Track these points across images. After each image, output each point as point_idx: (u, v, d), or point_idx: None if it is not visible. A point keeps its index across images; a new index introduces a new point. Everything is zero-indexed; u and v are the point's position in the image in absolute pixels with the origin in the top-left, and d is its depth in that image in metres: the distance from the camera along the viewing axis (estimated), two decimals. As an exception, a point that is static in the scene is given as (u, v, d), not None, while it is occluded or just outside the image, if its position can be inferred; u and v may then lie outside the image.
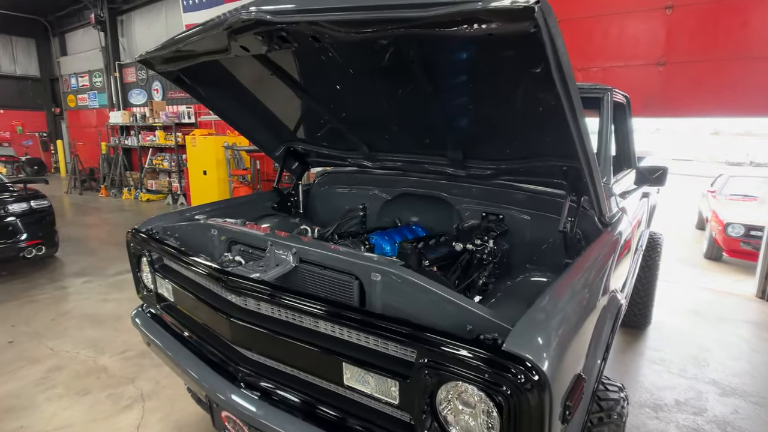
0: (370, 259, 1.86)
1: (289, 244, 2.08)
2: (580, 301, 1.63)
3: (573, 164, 2.22)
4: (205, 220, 2.64)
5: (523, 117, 2.12)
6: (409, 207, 3.43)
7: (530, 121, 2.11)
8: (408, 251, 2.42)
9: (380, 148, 3.10)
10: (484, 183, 2.89)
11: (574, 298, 1.61)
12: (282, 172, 3.55)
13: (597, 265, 1.97)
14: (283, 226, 3.40)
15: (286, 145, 3.53)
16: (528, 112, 2.04)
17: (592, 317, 1.69)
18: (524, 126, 2.21)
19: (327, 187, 3.77)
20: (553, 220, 2.66)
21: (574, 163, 2.19)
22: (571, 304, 1.57)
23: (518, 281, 2.32)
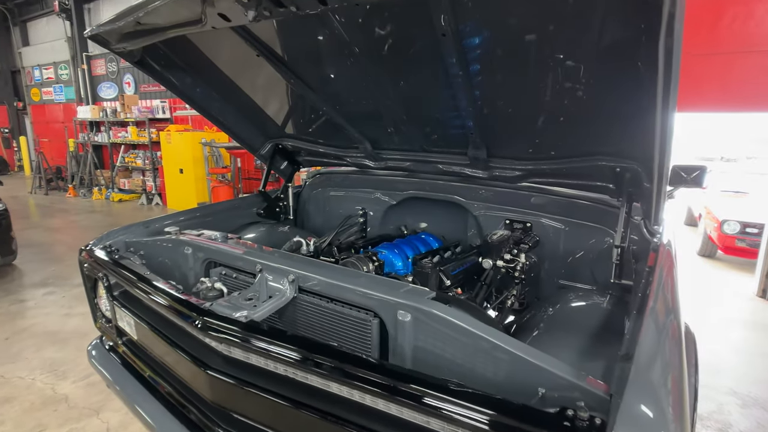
0: (396, 291, 1.43)
1: (286, 269, 1.63)
2: (677, 345, 1.25)
3: (630, 165, 1.83)
4: (177, 234, 2.16)
5: (588, 106, 1.71)
6: (417, 212, 3.01)
7: (597, 111, 1.71)
8: (427, 270, 2.00)
9: (386, 145, 2.66)
10: (509, 186, 2.49)
11: (672, 344, 1.22)
12: (269, 173, 3.08)
13: (670, 290, 1.59)
14: (272, 235, 2.93)
15: (273, 141, 3.06)
16: (602, 99, 1.64)
17: (688, 361, 1.32)
18: (583, 118, 1.80)
19: (320, 189, 3.32)
20: (590, 229, 2.29)
21: (632, 163, 1.81)
22: (672, 353, 1.18)
23: (559, 308, 1.93)
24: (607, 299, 1.94)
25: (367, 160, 2.85)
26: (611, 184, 2.08)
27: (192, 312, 1.46)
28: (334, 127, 2.62)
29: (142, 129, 11.76)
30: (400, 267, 2.30)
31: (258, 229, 2.94)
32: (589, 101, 1.67)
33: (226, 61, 2.38)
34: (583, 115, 1.77)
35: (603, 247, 2.25)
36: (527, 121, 1.95)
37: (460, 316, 1.32)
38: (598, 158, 1.95)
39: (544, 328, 1.82)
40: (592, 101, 1.66)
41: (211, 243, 1.98)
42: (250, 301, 1.55)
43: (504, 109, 1.93)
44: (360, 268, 2.07)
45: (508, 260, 2.10)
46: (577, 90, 1.64)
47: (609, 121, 1.71)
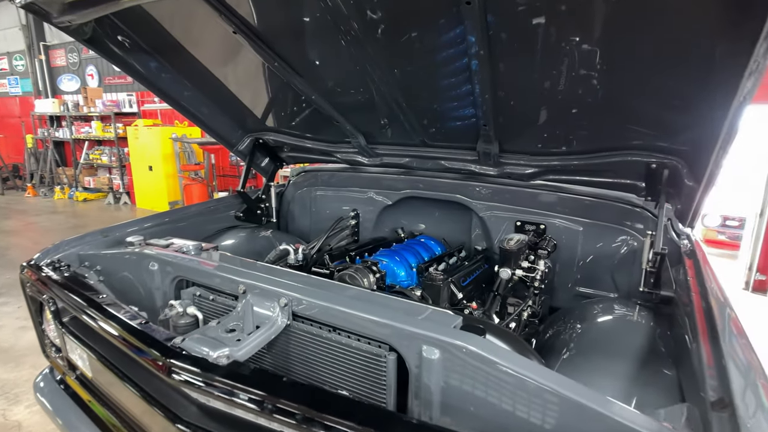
0: (417, 318, 1.16)
1: (275, 290, 1.33)
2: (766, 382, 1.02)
3: (671, 161, 1.61)
4: (142, 245, 1.83)
5: (632, 95, 1.47)
6: (414, 213, 2.75)
7: (643, 101, 1.48)
8: (438, 283, 1.74)
9: (381, 140, 2.38)
10: (520, 184, 2.25)
11: (763, 382, 0.99)
12: (248, 172, 2.75)
13: (730, 307, 1.37)
14: (253, 241, 2.61)
15: (252, 136, 2.73)
16: (654, 88, 1.40)
17: None
18: (623, 108, 1.57)
19: (306, 188, 3.00)
20: (610, 231, 2.07)
21: (674, 160, 1.58)
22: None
23: (588, 323, 1.69)
24: (636, 311, 1.72)
25: (359, 156, 2.55)
26: (640, 181, 1.86)
27: (157, 351, 1.15)
28: (323, 118, 2.31)
29: (107, 124, 11.05)
30: (403, 278, 2.03)
31: (237, 234, 2.61)
32: (634, 89, 1.43)
33: (196, 41, 2.04)
34: (623, 105, 1.54)
35: (625, 250, 2.04)
36: (552, 111, 1.70)
37: (501, 351, 1.06)
38: (630, 153, 1.73)
39: (575, 349, 1.58)
40: (640, 89, 1.43)
41: (181, 257, 1.65)
42: (232, 333, 1.24)
43: (526, 97, 1.67)
44: (360, 281, 1.79)
45: (527, 268, 1.86)
46: (622, 76, 1.40)
47: (656, 112, 1.48)
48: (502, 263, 1.85)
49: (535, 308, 1.98)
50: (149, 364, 1.16)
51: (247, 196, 2.73)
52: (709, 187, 1.56)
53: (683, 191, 1.66)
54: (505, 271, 1.81)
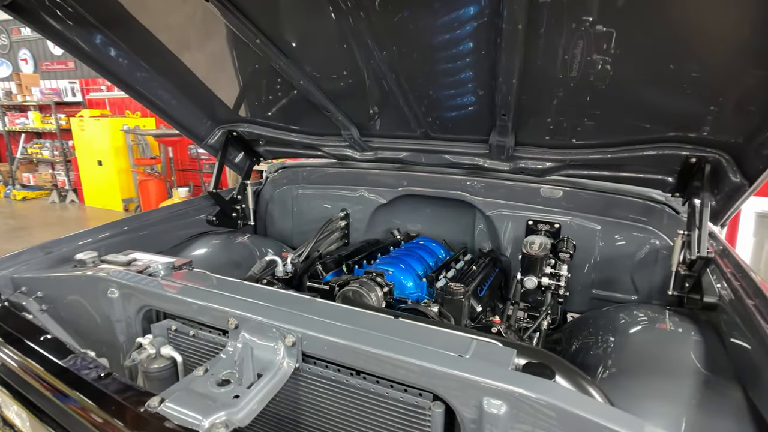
0: (464, 360, 0.92)
1: (279, 325, 1.05)
2: None
3: (716, 155, 1.45)
4: (96, 264, 1.48)
5: (680, 79, 1.28)
6: (411, 212, 2.50)
7: (692, 85, 1.29)
8: (460, 297, 1.51)
9: (377, 131, 2.11)
10: (534, 180, 2.05)
11: None
12: (221, 169, 2.40)
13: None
14: (230, 249, 2.29)
15: (224, 128, 2.38)
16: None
17: None
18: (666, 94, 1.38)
19: (287, 187, 2.69)
20: (630, 229, 1.92)
21: (719, 153, 1.42)
22: None
23: (623, 336, 1.52)
24: (673, 318, 1.56)
25: (350, 151, 2.27)
26: (668, 176, 1.70)
27: (126, 420, 0.85)
28: (310, 107, 2.01)
29: (47, 114, 10.04)
30: (411, 289, 1.79)
31: (210, 242, 2.27)
32: (681, 72, 1.25)
33: (155, 11, 1.68)
34: (665, 92, 1.36)
35: (646, 249, 1.89)
36: (581, 99, 1.49)
37: (578, 399, 0.84)
38: (666, 146, 1.56)
39: (615, 367, 1.40)
40: (687, 73, 1.24)
41: (148, 280, 1.33)
42: (226, 387, 0.95)
43: (554, 83, 1.45)
44: (367, 298, 1.53)
45: (551, 275, 1.66)
46: (666, 58, 1.21)
47: (705, 98, 1.30)
48: (526, 270, 1.64)
49: (555, 316, 1.80)
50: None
51: (220, 197, 2.38)
52: (755, 182, 1.41)
53: (723, 188, 1.51)
54: (531, 279, 1.61)
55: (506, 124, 1.68)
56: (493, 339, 1.07)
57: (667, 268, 1.86)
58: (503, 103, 1.57)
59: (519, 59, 1.35)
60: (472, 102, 1.69)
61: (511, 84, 1.46)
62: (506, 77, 1.44)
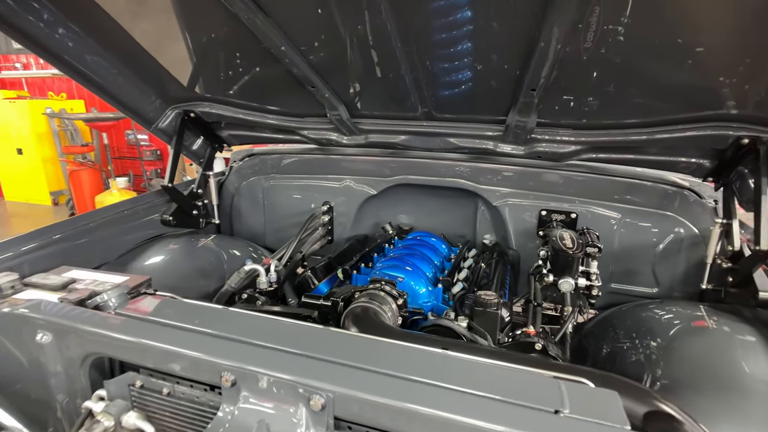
0: (559, 419, 0.68)
1: (296, 381, 0.75)
2: None
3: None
4: (17, 289, 1.09)
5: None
6: (403, 204, 2.23)
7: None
8: (493, 308, 1.27)
9: (371, 111, 1.80)
10: (547, 165, 1.84)
11: None
12: (177, 158, 1.99)
13: None
14: (193, 256, 1.91)
15: (178, 108, 1.96)
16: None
17: None
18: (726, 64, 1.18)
19: (255, 178, 2.31)
20: (652, 217, 1.77)
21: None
22: None
23: (668, 340, 1.36)
24: (710, 315, 1.42)
25: (335, 134, 1.94)
26: (705, 159, 1.54)
27: None
28: (288, 82, 1.66)
29: (-51, 96, 8.66)
30: (424, 297, 1.52)
31: (167, 247, 1.87)
32: (735, 41, 1.05)
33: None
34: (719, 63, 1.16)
35: (669, 239, 1.75)
36: (621, 71, 1.27)
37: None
38: (712, 125, 1.38)
39: (667, 377, 1.23)
40: (742, 41, 1.05)
41: (97, 317, 0.97)
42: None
43: (594, 53, 1.22)
44: (383, 315, 1.25)
45: (588, 274, 1.46)
46: (723, 24, 1.01)
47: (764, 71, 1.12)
48: (560, 271, 1.43)
49: (582, 318, 1.62)
50: None
51: (176, 192, 1.98)
52: None
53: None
54: (567, 282, 1.40)
55: (531, 101, 1.44)
56: (578, 377, 0.84)
57: (691, 259, 1.74)
58: (535, 76, 1.32)
59: (567, 22, 1.10)
60: (495, 76, 1.43)
61: (550, 52, 1.21)
62: (546, 46, 1.19)
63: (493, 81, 1.45)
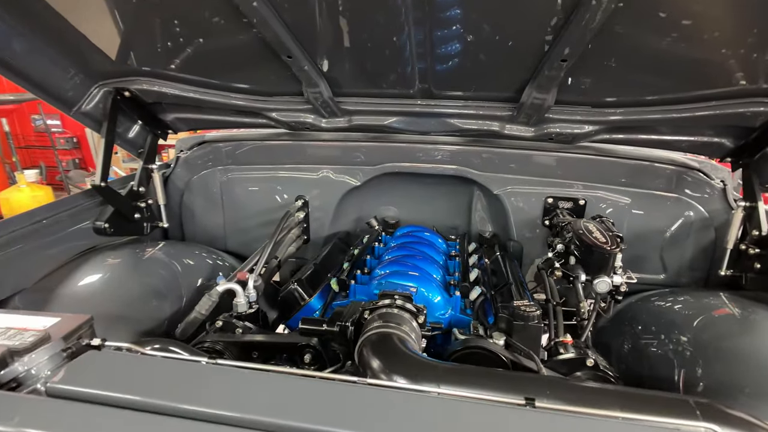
0: None
1: None
2: None
3: None
4: None
5: None
6: (388, 195, 1.98)
7: None
8: (534, 320, 1.08)
9: (357, 88, 1.51)
10: (553, 147, 1.67)
11: None
12: (110, 148, 1.57)
13: None
14: (141, 272, 1.53)
15: (107, 85, 1.54)
16: None
17: None
18: None
19: (210, 170, 1.94)
20: (663, 201, 1.67)
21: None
22: None
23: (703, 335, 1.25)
24: (739, 305, 1.34)
25: (312, 116, 1.63)
26: (727, 138, 1.44)
27: None
28: (254, 51, 1.33)
29: None
30: (440, 308, 1.30)
31: (104, 262, 1.48)
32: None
33: None
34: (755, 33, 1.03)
35: (679, 223, 1.66)
36: (652, 42, 1.11)
37: None
38: (749, 101, 1.26)
39: (710, 376, 1.12)
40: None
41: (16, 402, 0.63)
42: None
43: (628, 20, 1.04)
44: (406, 338, 1.01)
45: (624, 273, 1.30)
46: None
47: None
48: (595, 269, 1.26)
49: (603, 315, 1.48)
50: None
51: (112, 191, 1.57)
52: None
53: None
54: (604, 281, 1.23)
55: (557, 74, 1.23)
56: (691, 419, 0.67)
57: (700, 244, 1.66)
58: (570, 44, 1.11)
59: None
60: (519, 43, 1.20)
61: (596, 18, 1.00)
62: (597, 6, 0.98)
63: (515, 49, 1.23)
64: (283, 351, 1.18)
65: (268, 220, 1.95)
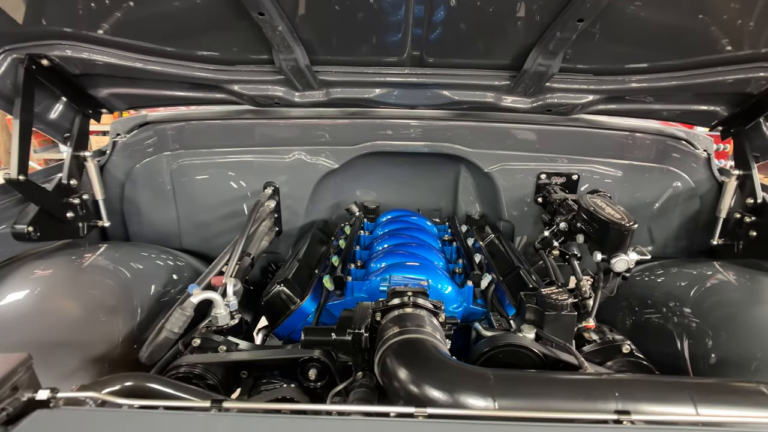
0: None
1: None
2: None
3: None
4: None
5: None
6: (367, 177, 1.81)
7: None
8: (566, 308, 0.98)
9: (337, 56, 1.30)
10: (545, 120, 1.58)
11: None
12: (27, 135, 1.24)
13: None
14: (81, 284, 1.25)
15: (14, 51, 1.21)
16: None
17: None
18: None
19: (155, 157, 1.64)
20: (652, 173, 1.65)
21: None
22: None
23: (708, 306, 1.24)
24: (723, 270, 1.35)
25: (283, 89, 1.40)
26: (724, 107, 1.42)
27: None
28: (212, 7, 1.09)
29: None
30: (453, 300, 1.16)
31: (31, 275, 1.18)
32: None
33: None
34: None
35: (667, 194, 1.65)
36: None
37: None
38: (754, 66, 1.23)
39: (723, 346, 1.11)
40: None
41: None
42: None
43: None
44: (438, 345, 0.86)
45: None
46: None
47: None
48: (612, 247, 1.18)
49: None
50: None
51: (34, 187, 1.25)
52: None
53: None
54: (623, 259, 1.16)
55: (569, 36, 1.12)
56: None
57: (685, 214, 1.67)
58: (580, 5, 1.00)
59: None
60: (525, 4, 1.07)
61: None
62: None
63: (526, 9, 1.09)
64: (280, 368, 0.99)
65: (231, 212, 1.71)
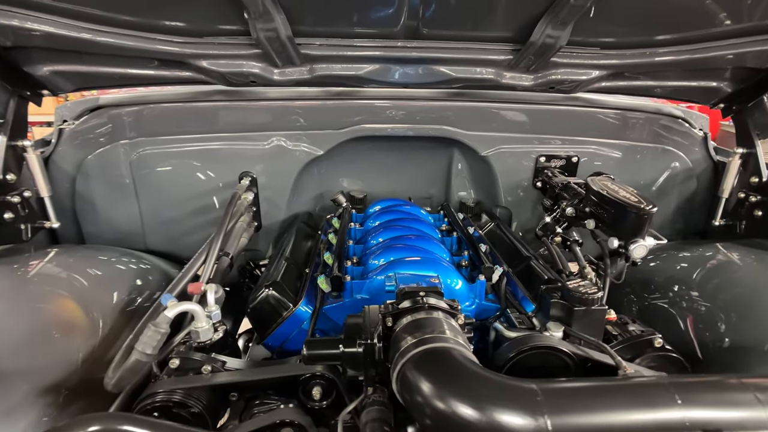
0: None
1: None
2: None
3: None
4: None
5: None
6: (352, 164, 1.66)
7: None
8: (595, 302, 0.89)
9: (322, 27, 1.15)
10: (544, 99, 1.48)
11: None
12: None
13: None
14: (22, 295, 1.05)
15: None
16: None
17: None
18: None
19: (110, 146, 1.43)
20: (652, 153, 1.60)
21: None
22: None
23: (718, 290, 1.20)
24: (728, 251, 1.32)
25: (260, 65, 1.23)
26: (728, 83, 1.36)
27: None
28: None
29: None
30: (465, 297, 1.05)
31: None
32: None
33: None
34: None
35: (666, 174, 1.61)
36: None
37: None
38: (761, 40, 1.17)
39: (736, 333, 1.07)
40: None
41: None
42: None
43: None
44: (466, 352, 0.75)
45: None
46: None
47: None
48: (629, 232, 1.10)
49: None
50: None
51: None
52: None
53: None
54: (642, 245, 1.08)
55: (583, 4, 1.02)
56: None
57: (683, 194, 1.63)
58: None
59: None
60: None
61: None
62: None
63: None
64: (277, 387, 0.85)
65: (201, 206, 1.53)
